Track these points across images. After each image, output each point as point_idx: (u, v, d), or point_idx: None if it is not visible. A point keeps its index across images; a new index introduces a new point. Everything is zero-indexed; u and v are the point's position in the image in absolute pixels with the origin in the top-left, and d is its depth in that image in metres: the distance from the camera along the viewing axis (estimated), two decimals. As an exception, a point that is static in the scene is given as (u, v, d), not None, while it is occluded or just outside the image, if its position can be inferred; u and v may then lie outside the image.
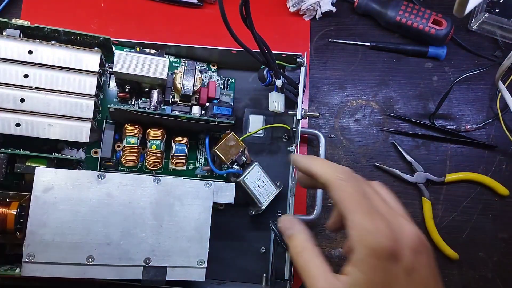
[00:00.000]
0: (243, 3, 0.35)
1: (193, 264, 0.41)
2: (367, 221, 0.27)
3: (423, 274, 0.27)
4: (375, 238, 0.26)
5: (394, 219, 0.29)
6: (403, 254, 0.26)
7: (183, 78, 0.48)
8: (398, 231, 0.28)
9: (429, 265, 0.28)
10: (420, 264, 0.27)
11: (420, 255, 0.27)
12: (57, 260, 0.38)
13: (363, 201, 0.29)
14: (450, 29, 0.56)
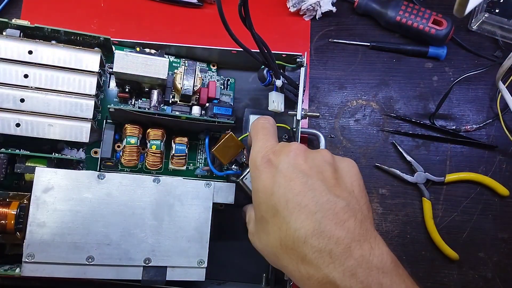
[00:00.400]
0: (242, 3, 0.35)
1: (193, 264, 0.41)
2: (258, 143, 0.37)
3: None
4: (257, 154, 0.36)
5: (284, 143, 0.37)
6: (279, 159, 0.34)
7: (183, 78, 0.48)
8: (280, 147, 0.36)
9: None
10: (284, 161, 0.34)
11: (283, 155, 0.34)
12: (57, 260, 0.38)
13: (261, 130, 0.39)
14: (450, 29, 0.56)
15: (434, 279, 0.55)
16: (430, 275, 0.55)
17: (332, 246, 0.28)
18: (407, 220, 0.56)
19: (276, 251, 0.32)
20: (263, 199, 0.33)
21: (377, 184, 0.56)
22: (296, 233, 0.30)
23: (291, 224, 0.30)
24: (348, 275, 0.27)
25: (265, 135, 0.38)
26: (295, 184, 0.31)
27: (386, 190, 0.56)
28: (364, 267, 0.28)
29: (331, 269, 0.28)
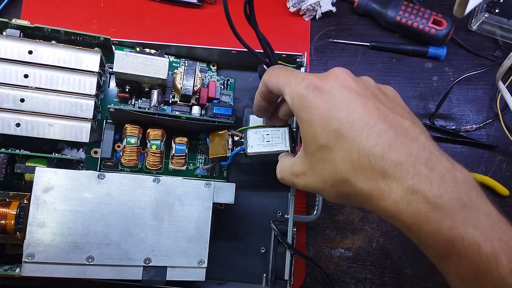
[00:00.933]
0: (248, 1, 0.35)
1: (193, 264, 0.41)
2: (291, 78, 0.33)
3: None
4: (296, 85, 0.32)
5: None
6: (327, 83, 0.31)
7: (183, 78, 0.48)
8: (322, 75, 0.32)
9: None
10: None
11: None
12: (57, 260, 0.38)
13: (283, 71, 0.35)
14: (450, 29, 0.56)
15: (434, 279, 0.55)
16: (430, 275, 0.55)
17: (413, 160, 0.27)
18: (407, 220, 0.56)
19: (346, 176, 0.29)
20: (321, 127, 0.30)
21: (377, 184, 0.56)
22: (371, 150, 0.28)
23: (363, 143, 0.28)
24: (436, 184, 0.27)
25: (293, 71, 0.35)
26: (356, 105, 0.29)
27: (386, 190, 0.56)
28: (450, 179, 0.27)
29: (416, 179, 0.27)
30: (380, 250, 0.55)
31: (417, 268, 0.55)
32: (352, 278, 0.54)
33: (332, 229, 0.55)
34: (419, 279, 0.55)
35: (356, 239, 0.55)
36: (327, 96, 0.30)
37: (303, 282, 0.53)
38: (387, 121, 0.29)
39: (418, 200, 0.27)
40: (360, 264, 0.55)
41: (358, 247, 0.55)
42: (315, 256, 0.54)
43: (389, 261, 0.55)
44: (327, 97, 0.30)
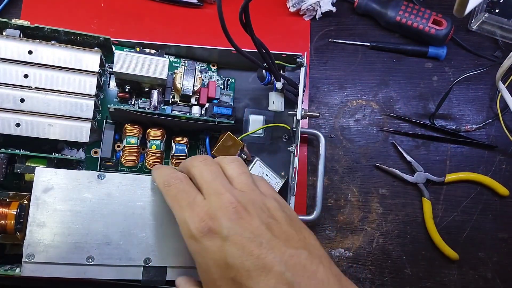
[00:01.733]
0: (243, 11, 0.35)
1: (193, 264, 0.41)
2: (185, 213, 0.32)
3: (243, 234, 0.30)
4: (191, 225, 0.31)
5: (212, 195, 0.32)
6: (220, 225, 0.30)
7: (183, 78, 0.48)
8: (214, 208, 0.31)
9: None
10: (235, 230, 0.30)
11: (238, 220, 0.30)
12: (57, 260, 0.38)
13: (180, 196, 0.33)
14: (450, 29, 0.56)
15: (434, 279, 0.55)
16: (430, 275, 0.55)
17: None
18: (407, 220, 0.56)
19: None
20: (218, 274, 0.30)
21: (377, 184, 0.56)
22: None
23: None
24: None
25: (183, 194, 0.33)
26: (250, 249, 0.29)
27: (386, 190, 0.56)
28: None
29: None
30: (380, 250, 0.55)
31: (417, 268, 0.55)
32: (352, 278, 0.54)
33: (332, 229, 0.55)
34: (419, 279, 0.55)
35: (356, 239, 0.55)
36: (220, 241, 0.30)
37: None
38: (283, 261, 0.28)
39: None
40: (360, 264, 0.55)
41: (358, 247, 0.55)
42: (315, 256, 0.54)
43: (389, 261, 0.55)
44: (220, 242, 0.30)
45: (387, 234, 0.56)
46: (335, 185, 0.56)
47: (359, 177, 0.56)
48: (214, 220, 0.30)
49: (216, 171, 0.34)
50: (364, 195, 0.56)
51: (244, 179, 0.34)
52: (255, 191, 0.33)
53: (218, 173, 0.34)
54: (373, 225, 0.56)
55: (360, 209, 0.56)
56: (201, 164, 0.34)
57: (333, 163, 0.56)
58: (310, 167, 0.56)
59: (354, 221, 0.55)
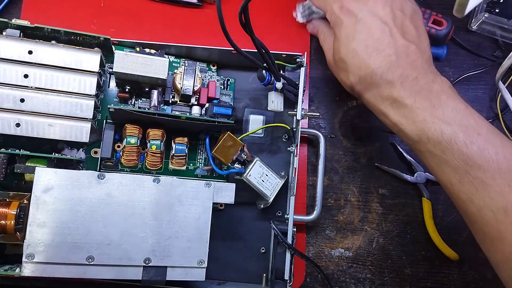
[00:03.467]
0: (242, 11, 0.35)
1: (193, 264, 0.41)
2: (337, 2, 0.43)
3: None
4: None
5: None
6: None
7: (183, 78, 0.48)
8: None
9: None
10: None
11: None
12: (57, 260, 0.38)
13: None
14: (450, 29, 0.56)
15: (434, 279, 0.55)
16: (430, 275, 0.55)
17: (403, 79, 0.38)
18: (407, 220, 0.56)
19: (355, 86, 0.42)
20: (344, 43, 0.41)
21: (377, 184, 0.56)
22: (375, 70, 0.39)
23: (371, 64, 0.39)
24: (414, 94, 0.38)
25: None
26: (374, 31, 0.39)
27: (386, 190, 0.56)
28: (427, 89, 0.38)
29: (401, 92, 0.38)
30: (380, 250, 0.55)
31: (417, 268, 0.55)
32: (352, 278, 0.54)
33: (332, 229, 0.55)
34: (419, 279, 0.55)
35: (356, 239, 0.55)
36: (354, 19, 0.40)
37: (303, 282, 0.53)
38: (395, 47, 0.39)
39: (399, 106, 0.39)
40: (360, 264, 0.55)
41: (358, 247, 0.55)
42: (315, 256, 0.54)
43: (389, 261, 0.55)
44: (354, 20, 0.40)
45: (387, 234, 0.56)
46: (335, 185, 0.56)
47: (359, 177, 0.56)
48: (355, 3, 0.41)
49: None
50: (364, 195, 0.56)
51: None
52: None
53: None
54: (373, 225, 0.56)
55: (360, 209, 0.56)
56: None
57: (333, 163, 0.56)
58: (310, 167, 0.56)
59: (354, 221, 0.55)
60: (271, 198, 0.49)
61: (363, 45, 0.39)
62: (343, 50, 0.41)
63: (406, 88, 0.38)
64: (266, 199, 0.49)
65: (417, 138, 0.38)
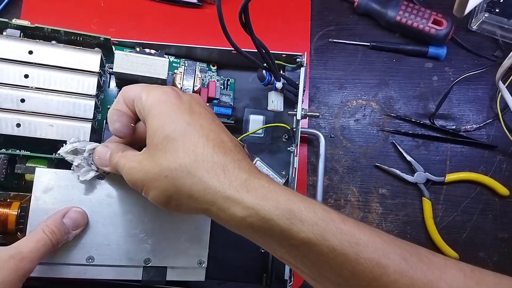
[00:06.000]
0: (242, 10, 0.35)
1: (193, 264, 0.41)
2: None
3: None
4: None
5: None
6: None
7: (183, 78, 0.48)
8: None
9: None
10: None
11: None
12: (57, 260, 0.38)
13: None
14: (450, 29, 0.56)
15: (434, 279, 0.55)
16: (430, 275, 0.55)
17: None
18: (407, 220, 0.56)
19: (187, 166, 0.30)
20: (171, 118, 0.32)
21: (377, 184, 0.56)
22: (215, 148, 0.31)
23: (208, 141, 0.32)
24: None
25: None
26: (207, 117, 0.34)
27: (386, 190, 0.56)
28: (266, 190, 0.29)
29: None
30: (380, 250, 0.55)
31: (417, 268, 0.55)
32: (352, 278, 0.54)
33: (332, 229, 0.55)
34: (419, 279, 0.55)
35: (356, 239, 0.55)
36: (183, 100, 0.33)
37: (303, 282, 0.53)
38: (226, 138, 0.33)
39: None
40: (360, 264, 0.55)
41: (358, 247, 0.55)
42: (315, 256, 0.54)
43: (389, 261, 0.55)
44: (183, 100, 0.33)
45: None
46: (335, 185, 0.56)
47: (359, 177, 0.56)
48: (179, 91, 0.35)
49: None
50: (364, 195, 0.56)
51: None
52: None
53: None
54: (373, 225, 0.55)
55: (360, 209, 0.56)
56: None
57: (333, 163, 0.56)
58: (310, 167, 0.56)
59: (354, 221, 0.55)
60: None
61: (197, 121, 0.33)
62: (169, 125, 0.32)
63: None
64: None
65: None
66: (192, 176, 0.29)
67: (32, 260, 0.33)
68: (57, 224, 0.35)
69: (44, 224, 0.35)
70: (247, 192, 0.28)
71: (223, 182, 0.29)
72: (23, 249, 0.33)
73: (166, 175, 0.30)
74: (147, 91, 0.33)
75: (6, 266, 0.31)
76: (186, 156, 0.30)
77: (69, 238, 0.37)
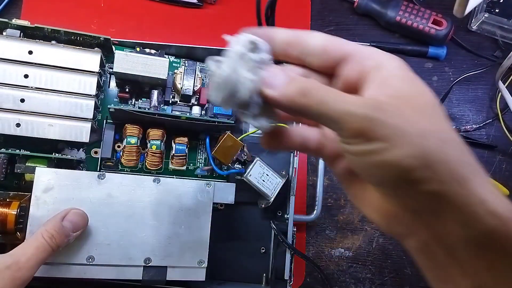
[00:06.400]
0: (270, 4, 0.34)
1: (193, 264, 0.41)
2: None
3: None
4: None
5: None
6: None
7: (183, 78, 0.48)
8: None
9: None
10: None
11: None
12: (57, 260, 0.38)
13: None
14: (450, 29, 0.56)
15: (434, 279, 0.55)
16: (430, 275, 0.55)
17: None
18: (407, 220, 0.56)
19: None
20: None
21: (377, 184, 0.56)
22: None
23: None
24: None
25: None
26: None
27: (386, 190, 0.56)
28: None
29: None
30: (380, 250, 0.55)
31: (417, 268, 0.55)
32: (352, 278, 0.54)
33: (332, 229, 0.55)
34: (419, 279, 0.55)
35: (356, 239, 0.55)
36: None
37: (303, 282, 0.53)
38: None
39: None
40: (360, 264, 0.55)
41: (358, 247, 0.55)
42: (315, 256, 0.54)
43: (389, 261, 0.55)
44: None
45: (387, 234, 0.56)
46: (335, 185, 0.56)
47: (359, 177, 0.56)
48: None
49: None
50: (364, 195, 0.56)
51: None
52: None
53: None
54: (373, 225, 0.55)
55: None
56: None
57: (333, 163, 0.56)
58: (310, 167, 0.56)
59: (354, 221, 0.55)
60: (272, 198, 0.49)
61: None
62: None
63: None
64: (267, 199, 0.49)
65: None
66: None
67: (30, 268, 0.33)
68: (57, 228, 0.35)
69: (43, 228, 0.35)
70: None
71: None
72: (21, 258, 0.33)
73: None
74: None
75: (2, 276, 0.31)
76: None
77: (69, 241, 0.36)
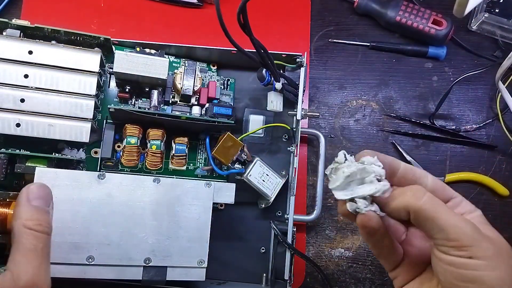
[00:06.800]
0: (241, 11, 0.35)
1: (193, 264, 0.41)
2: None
3: None
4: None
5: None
6: None
7: (183, 78, 0.48)
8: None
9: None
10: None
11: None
12: (57, 260, 0.38)
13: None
14: (450, 29, 0.56)
15: (434, 279, 0.55)
16: (430, 275, 0.55)
17: None
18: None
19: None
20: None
21: (377, 184, 0.56)
22: None
23: None
24: None
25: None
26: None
27: (386, 190, 0.56)
28: None
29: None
30: (380, 250, 0.55)
31: (417, 268, 0.55)
32: (352, 278, 0.54)
33: (332, 229, 0.55)
34: (419, 279, 0.55)
35: (356, 239, 0.55)
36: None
37: (303, 282, 0.53)
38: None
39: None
40: (360, 264, 0.55)
41: (358, 247, 0.55)
42: (315, 256, 0.54)
43: (389, 261, 0.55)
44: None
45: (387, 234, 0.56)
46: (335, 185, 0.56)
47: (359, 177, 0.56)
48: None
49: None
50: (364, 195, 0.56)
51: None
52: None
53: None
54: (373, 225, 0.56)
55: (360, 209, 0.56)
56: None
57: (333, 163, 0.56)
58: (310, 167, 0.56)
59: (354, 221, 0.55)
60: (272, 198, 0.49)
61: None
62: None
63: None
64: (267, 199, 0.49)
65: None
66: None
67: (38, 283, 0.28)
68: (35, 217, 0.30)
69: (19, 222, 0.30)
70: None
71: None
72: (23, 277, 0.28)
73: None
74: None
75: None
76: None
77: (51, 216, 0.32)
